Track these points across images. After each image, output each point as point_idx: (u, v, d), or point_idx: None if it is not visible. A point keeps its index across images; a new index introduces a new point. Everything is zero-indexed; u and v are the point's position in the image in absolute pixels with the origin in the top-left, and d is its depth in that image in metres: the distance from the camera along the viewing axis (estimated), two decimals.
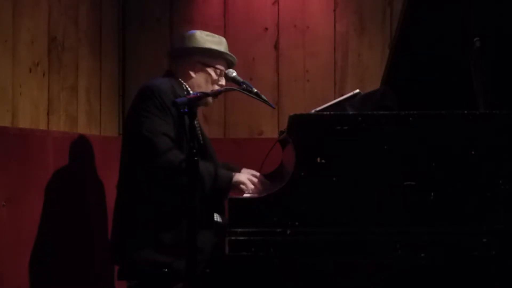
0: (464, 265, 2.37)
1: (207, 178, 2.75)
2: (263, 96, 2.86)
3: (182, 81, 3.01)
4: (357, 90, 2.92)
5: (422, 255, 2.28)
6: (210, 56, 3.03)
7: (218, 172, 2.81)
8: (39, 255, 2.89)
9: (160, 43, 4.26)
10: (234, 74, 2.96)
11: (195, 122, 2.56)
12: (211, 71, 3.03)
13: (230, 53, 3.09)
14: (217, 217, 2.93)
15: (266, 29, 4.31)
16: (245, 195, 2.77)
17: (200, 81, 3.02)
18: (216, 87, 3.04)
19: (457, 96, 2.78)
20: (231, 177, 2.82)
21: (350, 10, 4.29)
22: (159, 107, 2.79)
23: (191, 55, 3.03)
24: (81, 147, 3.38)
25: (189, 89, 2.99)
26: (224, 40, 3.11)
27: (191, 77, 3.02)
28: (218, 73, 3.05)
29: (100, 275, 3.58)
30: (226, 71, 2.98)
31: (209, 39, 3.05)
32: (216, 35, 3.11)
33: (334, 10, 4.30)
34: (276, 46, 4.31)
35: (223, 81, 3.06)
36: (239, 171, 3.00)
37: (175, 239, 2.72)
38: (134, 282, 2.85)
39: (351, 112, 2.60)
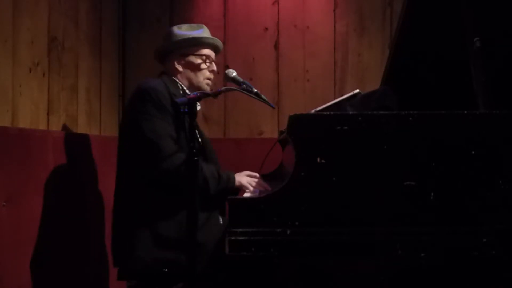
0: (464, 265, 2.37)
1: (211, 181, 2.75)
2: (263, 96, 2.86)
3: (175, 79, 3.00)
4: (357, 90, 2.92)
5: (422, 255, 2.27)
6: (188, 46, 2.99)
7: (220, 174, 2.81)
8: (39, 255, 2.89)
9: (160, 43, 4.25)
10: (234, 74, 2.96)
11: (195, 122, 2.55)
12: (194, 59, 2.99)
13: (207, 36, 3.03)
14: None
15: (266, 29, 4.31)
16: (245, 195, 2.77)
17: (188, 73, 2.99)
18: (208, 74, 3.01)
19: (457, 96, 2.78)
20: (234, 178, 2.83)
21: (350, 10, 4.29)
22: (157, 107, 2.78)
23: (172, 51, 3.00)
24: (81, 147, 3.38)
25: (182, 85, 2.98)
26: (202, 26, 3.06)
27: (180, 72, 2.99)
28: (204, 59, 3.01)
29: (100, 275, 3.58)
30: (226, 71, 2.98)
31: (184, 29, 3.02)
32: (194, 24, 3.07)
33: (334, 10, 4.30)
34: (276, 46, 4.31)
35: (213, 67, 3.04)
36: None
37: (176, 239, 2.72)
38: (134, 282, 2.85)
39: (351, 112, 2.60)
